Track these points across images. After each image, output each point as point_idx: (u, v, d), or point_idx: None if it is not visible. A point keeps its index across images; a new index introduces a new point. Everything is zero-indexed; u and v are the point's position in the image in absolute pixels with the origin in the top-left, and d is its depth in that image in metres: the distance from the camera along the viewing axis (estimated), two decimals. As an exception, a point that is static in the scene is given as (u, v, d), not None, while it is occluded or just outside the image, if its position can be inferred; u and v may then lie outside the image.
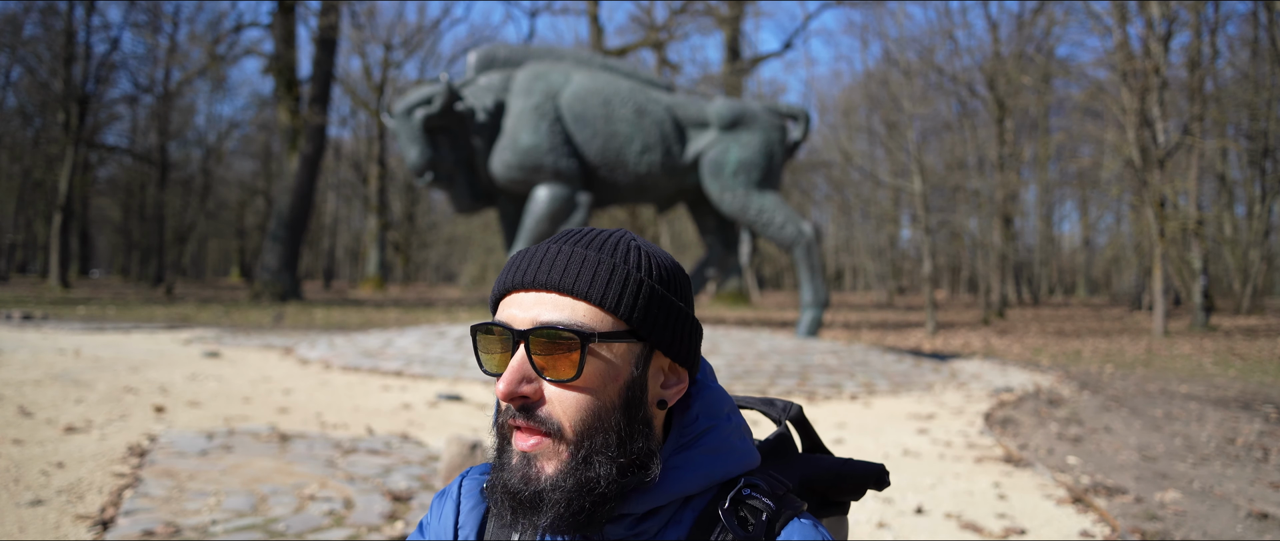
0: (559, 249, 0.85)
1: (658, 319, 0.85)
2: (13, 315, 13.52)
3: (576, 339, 0.81)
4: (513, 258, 0.87)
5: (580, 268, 0.83)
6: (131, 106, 33.33)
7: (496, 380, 0.84)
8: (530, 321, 0.82)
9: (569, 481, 0.81)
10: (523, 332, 0.82)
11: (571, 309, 0.83)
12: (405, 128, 9.39)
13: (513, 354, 0.83)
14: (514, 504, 0.83)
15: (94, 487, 3.65)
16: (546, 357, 0.82)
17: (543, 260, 0.84)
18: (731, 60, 26.74)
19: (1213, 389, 8.51)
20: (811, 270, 9.92)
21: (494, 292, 0.87)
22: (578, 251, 0.85)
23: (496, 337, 0.84)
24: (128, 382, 6.67)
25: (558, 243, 0.86)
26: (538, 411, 0.83)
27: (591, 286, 0.83)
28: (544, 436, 0.83)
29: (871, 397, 7.38)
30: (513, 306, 0.84)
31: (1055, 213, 39.19)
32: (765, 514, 0.86)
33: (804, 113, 10.59)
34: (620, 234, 0.90)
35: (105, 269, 47.23)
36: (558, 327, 0.82)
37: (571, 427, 0.83)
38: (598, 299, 0.83)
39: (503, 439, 0.86)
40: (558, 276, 0.83)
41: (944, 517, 3.71)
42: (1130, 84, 16.03)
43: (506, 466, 0.84)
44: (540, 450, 0.83)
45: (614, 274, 0.84)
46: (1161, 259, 15.83)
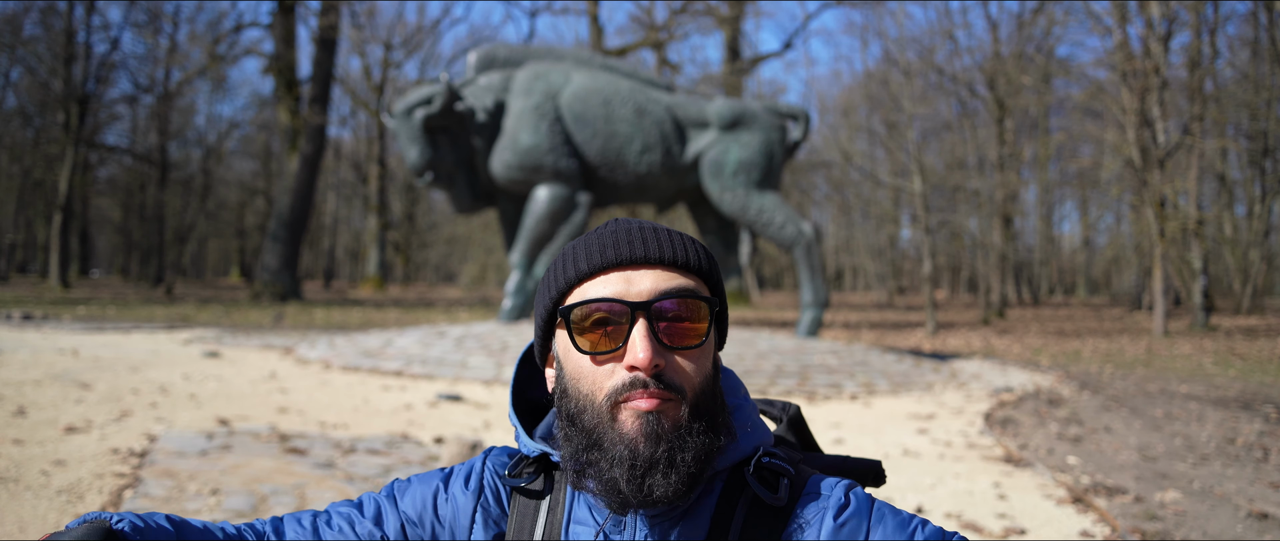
0: (640, 227, 0.89)
1: (722, 288, 0.92)
2: (13, 315, 13.52)
3: (705, 306, 0.87)
4: (588, 241, 0.89)
5: (677, 242, 0.89)
6: (131, 106, 33.33)
7: (589, 357, 0.86)
8: (651, 292, 0.86)
9: (694, 440, 0.84)
10: (646, 303, 0.85)
11: (683, 279, 0.88)
12: (405, 128, 9.39)
13: (631, 327, 0.84)
14: (635, 471, 0.83)
15: (94, 487, 3.65)
16: (675, 325, 0.86)
17: (638, 237, 0.88)
18: (731, 60, 26.74)
19: (1213, 389, 8.51)
20: (811, 270, 9.91)
21: (569, 278, 0.88)
22: (660, 229, 0.90)
23: (602, 313, 0.85)
24: (128, 382, 6.67)
25: (633, 224, 0.90)
26: (664, 377, 0.85)
27: (689, 256, 0.88)
28: (667, 400, 0.85)
29: (871, 397, 7.38)
30: (616, 283, 0.86)
31: (1055, 213, 39.22)
32: (786, 477, 0.92)
33: (804, 113, 10.59)
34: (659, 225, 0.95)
35: (105, 269, 47.23)
36: (692, 292, 0.87)
37: (692, 390, 0.87)
38: (696, 267, 0.89)
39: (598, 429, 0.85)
40: (666, 250, 0.88)
41: (944, 517, 3.71)
42: (1130, 84, 16.03)
43: (617, 440, 0.84)
44: (664, 409, 0.84)
45: (697, 245, 0.90)
46: (1161, 259, 15.83)
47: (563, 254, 0.92)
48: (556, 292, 0.89)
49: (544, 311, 0.92)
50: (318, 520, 0.98)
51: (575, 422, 0.87)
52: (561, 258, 0.91)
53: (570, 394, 0.88)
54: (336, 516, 0.98)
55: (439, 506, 0.97)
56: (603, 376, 0.86)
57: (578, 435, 0.87)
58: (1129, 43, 17.16)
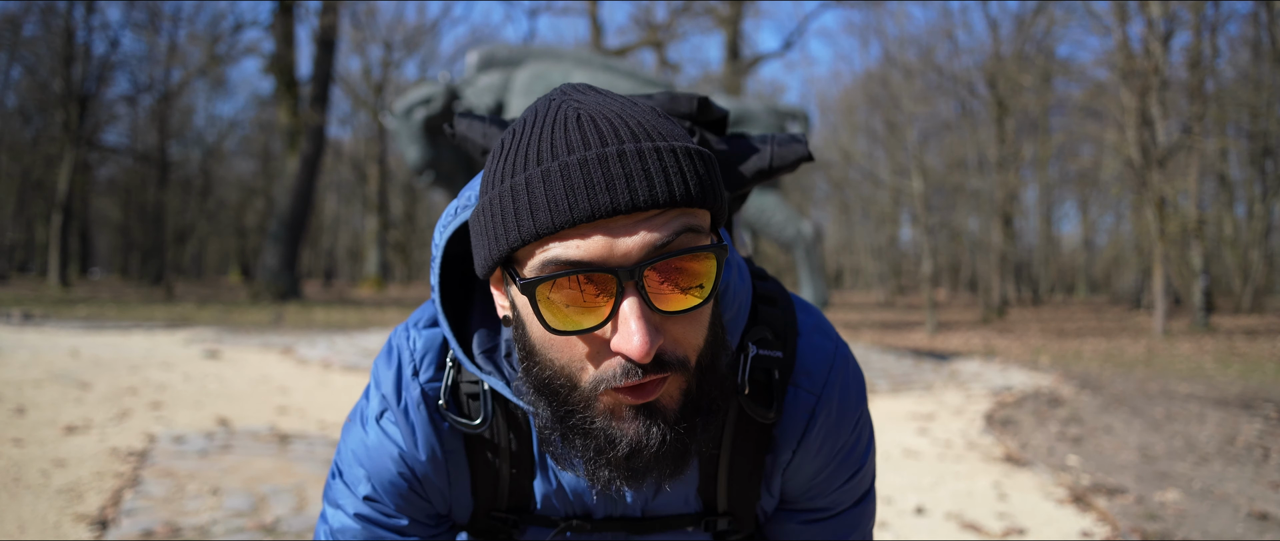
0: (620, 153, 0.64)
1: (724, 202, 0.71)
2: (13, 315, 13.51)
3: (712, 255, 0.67)
4: (550, 176, 0.64)
5: (671, 167, 0.65)
6: (131, 106, 33.32)
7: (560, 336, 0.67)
8: (642, 250, 0.64)
9: (701, 420, 0.70)
10: (637, 268, 0.64)
11: (680, 218, 0.66)
12: (405, 127, 9.39)
13: (618, 298, 0.65)
14: (635, 469, 0.69)
15: (94, 487, 3.65)
16: (671, 287, 0.66)
17: (620, 174, 0.64)
18: (731, 60, 26.74)
19: (1213, 389, 8.51)
20: (812, 270, 9.91)
21: (526, 230, 0.65)
22: (644, 151, 0.65)
23: (577, 285, 0.65)
24: (127, 382, 6.67)
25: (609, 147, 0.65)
26: (662, 355, 0.67)
27: (687, 186, 0.66)
28: (666, 379, 0.68)
29: (872, 397, 7.38)
30: (595, 241, 0.64)
31: (1055, 213, 39.20)
32: (775, 368, 0.84)
33: (804, 113, 10.59)
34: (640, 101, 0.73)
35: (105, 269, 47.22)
36: (694, 244, 0.66)
37: (695, 356, 0.70)
38: (695, 195, 0.66)
39: (579, 414, 0.70)
40: (660, 187, 0.64)
41: (944, 517, 3.71)
42: (1130, 84, 16.03)
43: (610, 436, 0.69)
44: (664, 394, 0.69)
45: (693, 160, 0.67)
46: (1161, 259, 15.83)
47: (509, 185, 0.66)
48: (507, 243, 0.66)
49: (490, 254, 0.69)
50: None
51: (546, 394, 0.71)
52: (509, 194, 0.66)
53: (538, 359, 0.70)
54: None
55: (431, 501, 0.88)
56: (582, 354, 0.68)
57: (551, 409, 0.71)
58: (1129, 43, 17.16)
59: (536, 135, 0.67)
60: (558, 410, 0.70)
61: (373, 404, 0.86)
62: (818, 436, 0.87)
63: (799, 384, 0.86)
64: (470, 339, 0.81)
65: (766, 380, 0.84)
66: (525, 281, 0.65)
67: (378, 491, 0.85)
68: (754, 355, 0.82)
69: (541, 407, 0.72)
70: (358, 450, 0.86)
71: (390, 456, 0.84)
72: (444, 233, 0.79)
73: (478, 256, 0.71)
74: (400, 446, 0.84)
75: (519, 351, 0.73)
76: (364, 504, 0.86)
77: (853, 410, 0.88)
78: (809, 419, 0.86)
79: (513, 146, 0.68)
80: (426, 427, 0.83)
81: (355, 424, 0.88)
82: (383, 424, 0.85)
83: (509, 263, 0.69)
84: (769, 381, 0.84)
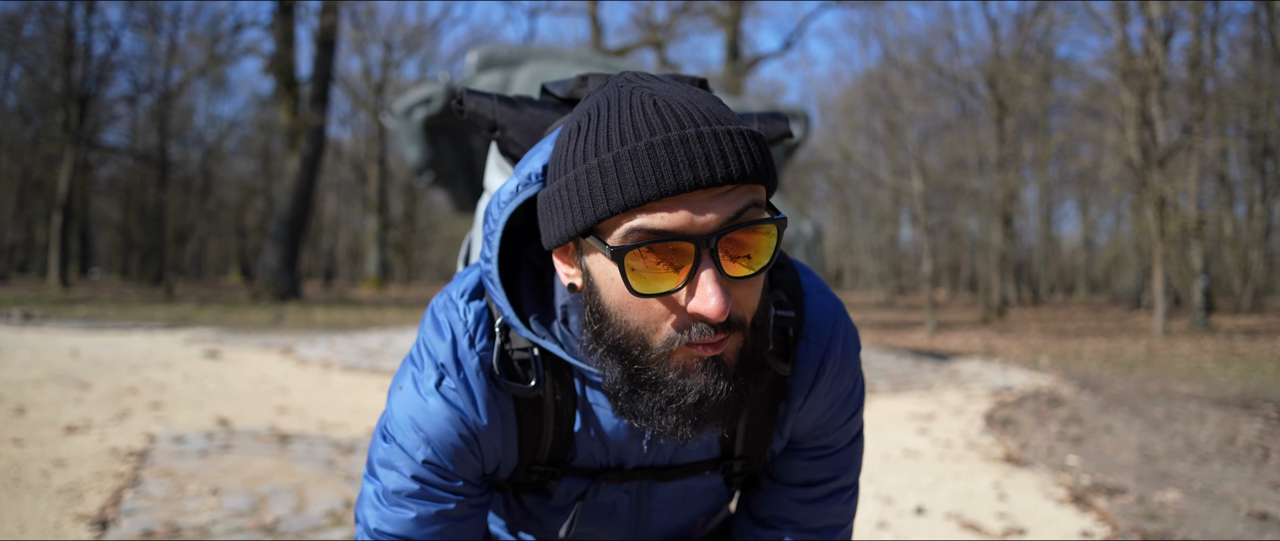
0: (700, 135, 0.72)
1: (776, 178, 0.80)
2: (12, 315, 13.51)
3: (774, 227, 0.76)
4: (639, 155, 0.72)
5: (742, 147, 0.73)
6: (131, 106, 33.32)
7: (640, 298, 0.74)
8: (720, 222, 0.72)
9: (757, 372, 0.80)
10: (714, 236, 0.72)
11: (749, 193, 0.75)
12: (405, 127, 9.39)
13: (696, 265, 0.73)
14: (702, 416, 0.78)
15: (94, 487, 3.65)
16: (738, 255, 0.75)
17: (700, 153, 0.71)
18: (731, 60, 26.74)
19: (1213, 389, 8.51)
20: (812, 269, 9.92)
21: (615, 202, 0.72)
22: (719, 134, 0.73)
23: (661, 253, 0.72)
24: (127, 382, 6.67)
25: (689, 128, 0.73)
26: (728, 317, 0.76)
27: (755, 162, 0.74)
28: (726, 338, 0.77)
29: (872, 397, 7.38)
30: (678, 213, 0.71)
31: (1055, 212, 39.19)
32: (790, 327, 0.94)
33: (804, 113, 10.59)
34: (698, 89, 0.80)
35: (105, 269, 47.21)
36: (762, 217, 0.75)
37: (751, 316, 0.79)
38: (761, 172, 0.75)
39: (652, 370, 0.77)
40: (733, 164, 0.72)
41: (944, 517, 3.71)
42: (1130, 84, 16.03)
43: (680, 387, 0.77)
44: (727, 349, 0.77)
45: (757, 142, 0.75)
46: (1161, 259, 15.82)
47: (596, 162, 0.74)
48: (594, 214, 0.73)
49: (573, 226, 0.76)
50: None
51: (618, 354, 0.78)
52: (597, 170, 0.73)
53: (612, 322, 0.78)
54: None
55: (484, 462, 0.94)
56: (658, 315, 0.76)
57: (622, 367, 0.79)
58: (1129, 43, 17.16)
59: (617, 117, 0.75)
60: (630, 367, 0.78)
61: (429, 373, 0.90)
62: (825, 384, 0.97)
63: (809, 338, 0.96)
64: (522, 308, 0.89)
65: (782, 337, 0.94)
66: (615, 249, 0.72)
67: (438, 454, 0.90)
68: (774, 316, 0.92)
69: (612, 365, 0.79)
70: (417, 416, 0.90)
71: (452, 421, 0.89)
72: (506, 209, 0.85)
73: (553, 228, 0.79)
74: (462, 411, 0.89)
75: (589, 315, 0.80)
76: (423, 467, 0.91)
77: (852, 359, 1.00)
78: (818, 369, 0.96)
79: (592, 128, 0.76)
80: (485, 392, 0.89)
81: (410, 392, 0.91)
82: (443, 391, 0.89)
83: (589, 233, 0.75)
84: (784, 338, 0.94)
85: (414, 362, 0.92)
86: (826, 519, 1.04)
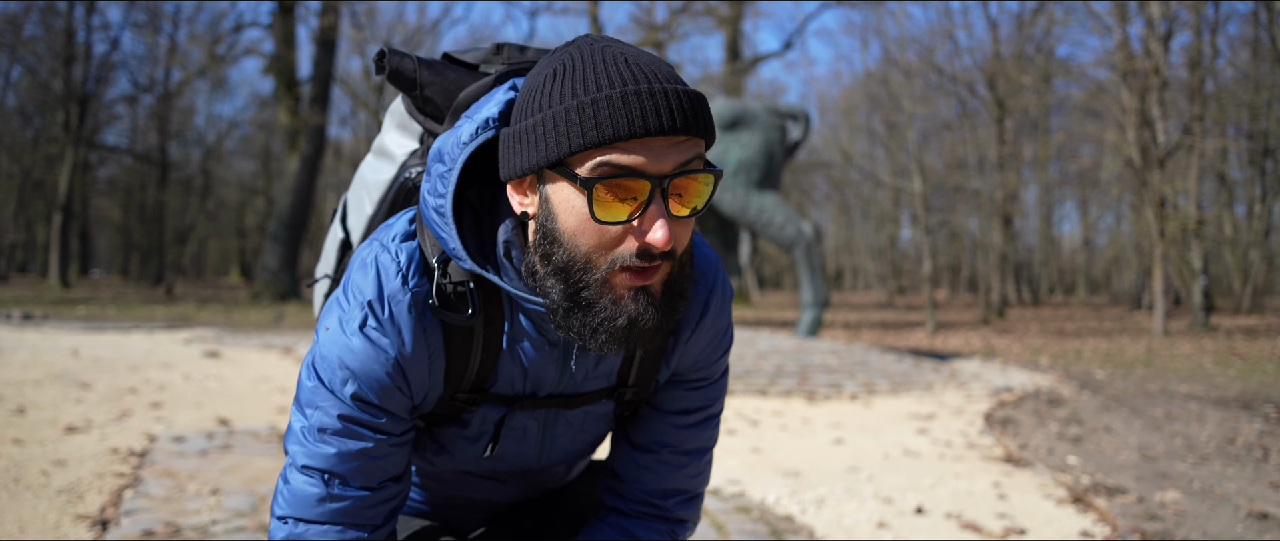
0: (660, 92, 0.84)
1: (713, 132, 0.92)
2: (13, 315, 13.51)
3: (713, 177, 0.89)
4: (612, 102, 0.83)
5: (689, 104, 0.86)
6: (131, 106, 33.31)
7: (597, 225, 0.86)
8: (672, 166, 0.85)
9: (679, 300, 0.93)
10: (667, 178, 0.85)
11: (695, 144, 0.87)
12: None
13: (650, 200, 0.85)
14: (627, 340, 0.89)
15: (94, 487, 3.65)
16: (682, 197, 0.87)
17: (663, 104, 0.84)
18: (731, 60, 26.74)
19: (1213, 389, 8.51)
20: (811, 270, 9.91)
21: (589, 138, 0.83)
22: (671, 91, 0.85)
23: (626, 186, 0.84)
24: (127, 382, 6.67)
25: (647, 84, 0.85)
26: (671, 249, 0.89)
27: (700, 118, 0.87)
28: (659, 267, 0.89)
29: (871, 397, 7.38)
30: (639, 153, 0.83)
31: (1055, 213, 39.19)
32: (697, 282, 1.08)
33: (804, 113, 10.59)
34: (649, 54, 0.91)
35: (105, 269, 47.21)
36: (705, 165, 0.89)
37: (681, 249, 0.92)
38: (706, 131, 0.88)
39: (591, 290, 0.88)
40: (682, 118, 0.85)
41: (944, 517, 3.71)
42: (1130, 84, 16.03)
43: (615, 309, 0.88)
44: (659, 278, 0.90)
45: (702, 101, 0.88)
46: (1161, 259, 15.82)
47: (573, 104, 0.85)
48: (568, 147, 0.84)
49: (545, 157, 0.86)
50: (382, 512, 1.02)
51: (563, 275, 0.89)
52: (574, 110, 0.85)
53: (564, 245, 0.88)
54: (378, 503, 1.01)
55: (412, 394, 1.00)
56: (609, 242, 0.87)
57: (564, 288, 0.89)
58: (1129, 43, 17.16)
59: (592, 69, 0.87)
60: (572, 288, 0.88)
61: (354, 313, 0.95)
62: (708, 322, 1.10)
63: (697, 281, 1.08)
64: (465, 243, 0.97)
65: None
66: (586, 178, 0.83)
67: (364, 390, 0.95)
68: None
69: (556, 285, 0.89)
70: (344, 355, 0.95)
71: (377, 359, 0.95)
72: (465, 150, 0.93)
73: (520, 160, 0.89)
74: (387, 349, 0.95)
75: (540, 240, 0.90)
76: (350, 404, 0.96)
77: (728, 303, 1.13)
78: (704, 307, 1.09)
79: (567, 76, 0.87)
80: (414, 326, 0.95)
81: (336, 332, 0.96)
82: (368, 332, 0.95)
83: (559, 165, 0.86)
84: None
85: (340, 305, 0.97)
86: (697, 442, 1.16)
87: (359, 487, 0.98)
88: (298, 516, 0.98)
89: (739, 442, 5.23)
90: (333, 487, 0.98)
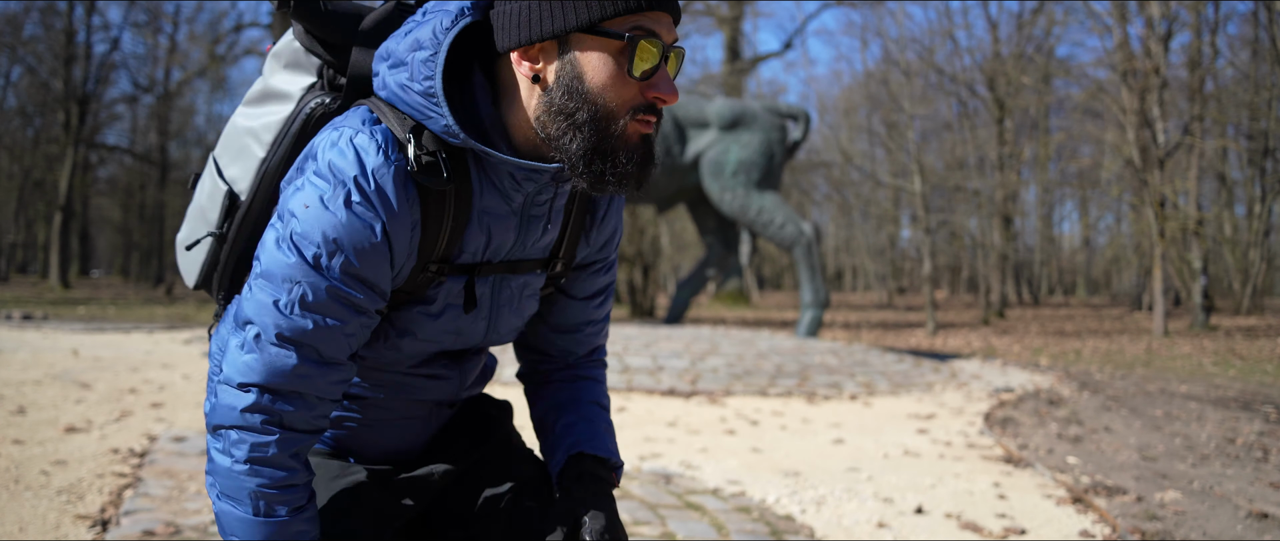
0: None
1: None
2: (13, 315, 13.51)
3: (683, 52, 1.08)
4: None
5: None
6: (131, 106, 33.30)
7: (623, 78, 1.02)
8: (672, 39, 1.05)
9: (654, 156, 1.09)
10: (671, 46, 1.05)
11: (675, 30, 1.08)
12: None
13: (662, 61, 1.04)
14: (639, 179, 1.06)
15: (94, 487, 3.65)
16: (670, 65, 1.06)
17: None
18: (731, 60, 26.73)
19: (1213, 389, 8.51)
20: (811, 270, 9.91)
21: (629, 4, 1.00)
22: None
23: (655, 47, 1.01)
24: (128, 382, 6.67)
25: None
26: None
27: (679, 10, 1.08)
28: (658, 120, 1.07)
29: (871, 397, 7.39)
30: (656, 23, 1.02)
31: (1055, 213, 39.18)
32: None
33: (804, 113, 10.58)
34: None
35: (105, 269, 47.18)
36: (681, 46, 1.08)
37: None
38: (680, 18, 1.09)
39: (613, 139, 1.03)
40: (680, 8, 1.07)
41: (944, 517, 3.71)
42: (1130, 84, 16.02)
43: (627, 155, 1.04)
44: (654, 131, 1.08)
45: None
46: (1161, 259, 15.82)
47: None
48: (610, 11, 1.00)
49: (581, 19, 1.00)
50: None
51: (588, 127, 1.02)
52: None
53: (591, 100, 1.02)
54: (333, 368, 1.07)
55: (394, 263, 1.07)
56: (630, 97, 1.03)
57: (587, 138, 1.02)
58: (1129, 43, 17.15)
59: None
60: (596, 138, 1.02)
61: (337, 191, 1.01)
62: (619, 201, 1.28)
63: None
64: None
65: None
66: (631, 36, 1.00)
67: (352, 263, 1.02)
68: None
69: (577, 139, 1.02)
70: (328, 230, 1.01)
71: (365, 232, 1.02)
72: (451, 33, 1.03)
73: (538, 29, 1.02)
74: (373, 222, 1.03)
75: (563, 98, 1.02)
76: (338, 277, 1.03)
77: None
78: None
79: None
80: (399, 197, 1.04)
81: (319, 210, 1.01)
82: (354, 207, 1.02)
83: (594, 28, 1.00)
84: None
85: (316, 185, 1.02)
86: (604, 311, 1.37)
87: (329, 361, 1.05)
88: (265, 384, 1.03)
89: (739, 442, 5.24)
90: (307, 359, 1.03)
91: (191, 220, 1.30)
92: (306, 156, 1.06)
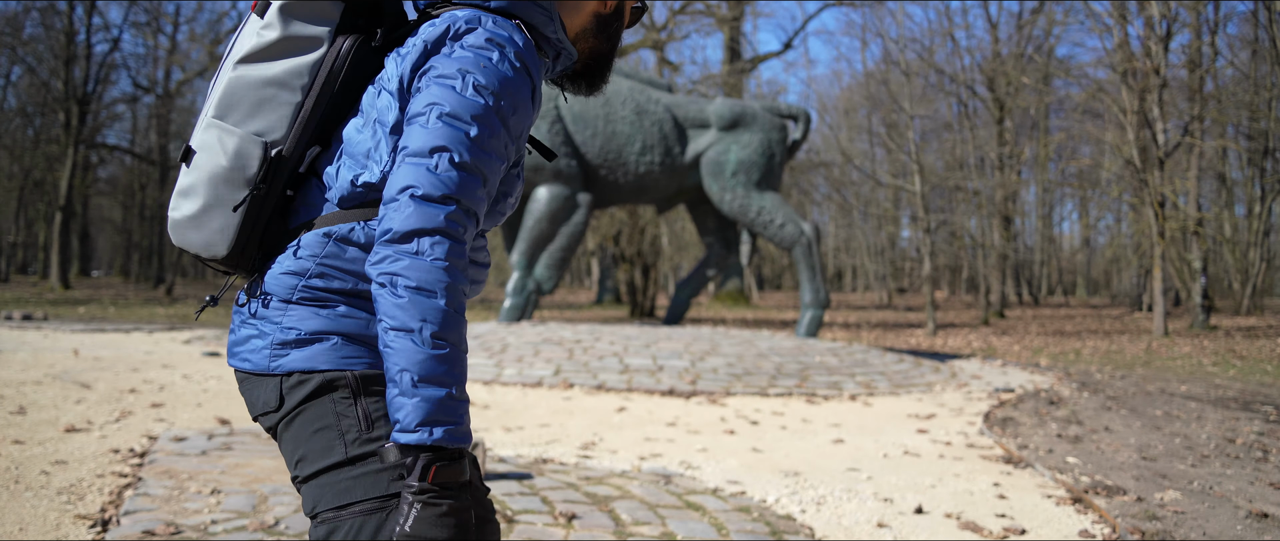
0: None
1: None
2: (13, 315, 13.52)
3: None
4: None
5: None
6: (131, 106, 33.30)
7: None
8: None
9: None
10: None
11: None
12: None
13: None
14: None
15: (94, 487, 3.66)
16: None
17: None
18: (731, 60, 26.72)
19: (1212, 389, 8.51)
20: (811, 270, 9.91)
21: None
22: None
23: None
24: (128, 382, 6.68)
25: None
26: None
27: None
28: None
29: (871, 397, 7.39)
30: None
31: (1055, 213, 39.17)
32: None
33: (804, 113, 10.58)
34: None
35: (105, 269, 47.18)
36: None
37: None
38: None
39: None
40: None
41: (944, 517, 3.71)
42: (1130, 84, 16.02)
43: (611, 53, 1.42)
44: None
45: None
46: (1161, 259, 15.82)
47: None
48: None
49: None
50: None
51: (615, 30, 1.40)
52: None
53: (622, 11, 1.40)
54: None
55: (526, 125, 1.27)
56: None
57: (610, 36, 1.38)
58: (1129, 43, 17.15)
59: None
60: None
61: (503, 54, 1.21)
62: None
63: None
64: None
65: None
66: None
67: (513, 119, 1.22)
68: None
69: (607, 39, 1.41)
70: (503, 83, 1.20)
71: (526, 89, 1.23)
72: None
73: None
74: (528, 84, 1.24)
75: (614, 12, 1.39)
76: (504, 128, 1.20)
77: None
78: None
79: None
80: (536, 73, 1.26)
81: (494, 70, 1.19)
82: (517, 71, 1.22)
83: None
84: None
85: (486, 55, 1.19)
86: None
87: (489, 196, 1.20)
88: (460, 198, 1.14)
89: (739, 442, 5.24)
90: (483, 189, 1.18)
91: (209, 187, 1.24)
92: (448, 36, 1.21)
